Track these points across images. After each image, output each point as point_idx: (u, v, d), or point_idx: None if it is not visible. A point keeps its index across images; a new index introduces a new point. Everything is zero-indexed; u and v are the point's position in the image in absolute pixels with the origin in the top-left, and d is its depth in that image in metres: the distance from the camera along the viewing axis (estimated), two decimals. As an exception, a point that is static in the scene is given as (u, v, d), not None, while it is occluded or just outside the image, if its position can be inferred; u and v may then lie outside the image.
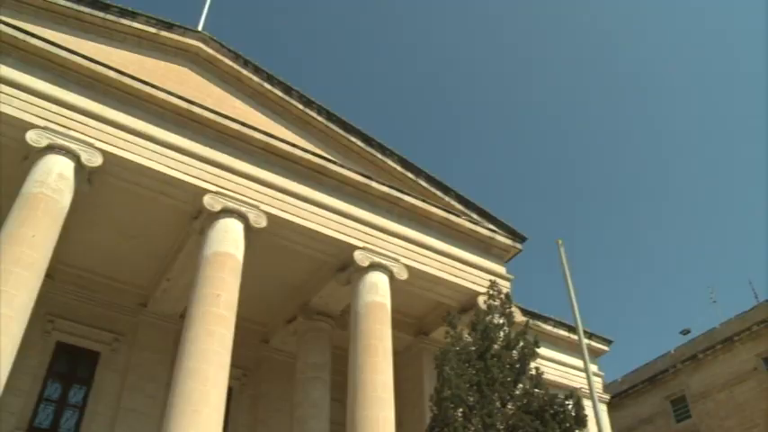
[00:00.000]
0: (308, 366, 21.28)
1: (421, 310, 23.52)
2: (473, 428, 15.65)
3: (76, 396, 20.94)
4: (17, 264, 14.63)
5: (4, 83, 16.75)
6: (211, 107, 19.35)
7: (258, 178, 19.33)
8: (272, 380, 23.49)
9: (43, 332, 20.39)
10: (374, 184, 21.05)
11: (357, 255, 19.97)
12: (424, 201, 21.90)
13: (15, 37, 17.18)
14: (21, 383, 18.47)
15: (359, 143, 21.99)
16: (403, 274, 20.52)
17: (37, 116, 16.82)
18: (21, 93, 16.88)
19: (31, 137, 16.54)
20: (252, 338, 23.22)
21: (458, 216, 22.38)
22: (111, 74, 18.13)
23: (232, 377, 16.72)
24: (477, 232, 22.60)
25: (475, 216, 22.91)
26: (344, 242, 20.04)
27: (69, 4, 18.82)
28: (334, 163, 20.71)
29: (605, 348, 29.67)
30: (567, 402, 16.49)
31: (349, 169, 20.85)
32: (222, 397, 15.50)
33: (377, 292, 19.70)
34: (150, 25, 20.15)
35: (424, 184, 22.57)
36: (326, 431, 20.04)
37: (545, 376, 17.68)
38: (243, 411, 22.65)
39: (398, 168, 22.31)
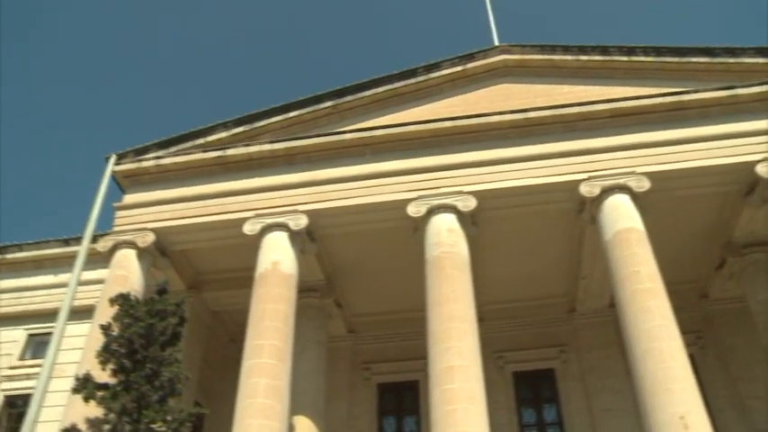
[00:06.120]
0: (760, 304, 19.35)
1: None
2: None
3: (551, 414, 21.92)
4: (452, 320, 16.04)
5: (373, 177, 19.01)
6: (543, 104, 19.49)
7: (618, 145, 18.66)
8: (732, 333, 21.68)
9: (497, 368, 21.90)
10: (741, 91, 18.75)
11: (760, 169, 17.58)
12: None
13: (362, 137, 19.58)
14: (499, 418, 19.72)
15: (702, 59, 19.97)
16: (824, 168, 17.66)
17: (407, 191, 18.64)
18: (383, 179, 18.96)
19: (412, 210, 18.30)
20: (690, 299, 21.80)
21: None
22: (447, 124, 19.47)
23: (688, 344, 15.77)
24: None
25: None
26: (738, 163, 17.96)
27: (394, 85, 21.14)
28: (689, 92, 19.03)
29: None
30: None
31: (705, 91, 18.96)
32: (686, 367, 14.72)
33: (803, 198, 17.30)
34: (454, 65, 21.26)
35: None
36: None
37: None
38: (715, 375, 21.24)
39: (761, 61, 19.62)
